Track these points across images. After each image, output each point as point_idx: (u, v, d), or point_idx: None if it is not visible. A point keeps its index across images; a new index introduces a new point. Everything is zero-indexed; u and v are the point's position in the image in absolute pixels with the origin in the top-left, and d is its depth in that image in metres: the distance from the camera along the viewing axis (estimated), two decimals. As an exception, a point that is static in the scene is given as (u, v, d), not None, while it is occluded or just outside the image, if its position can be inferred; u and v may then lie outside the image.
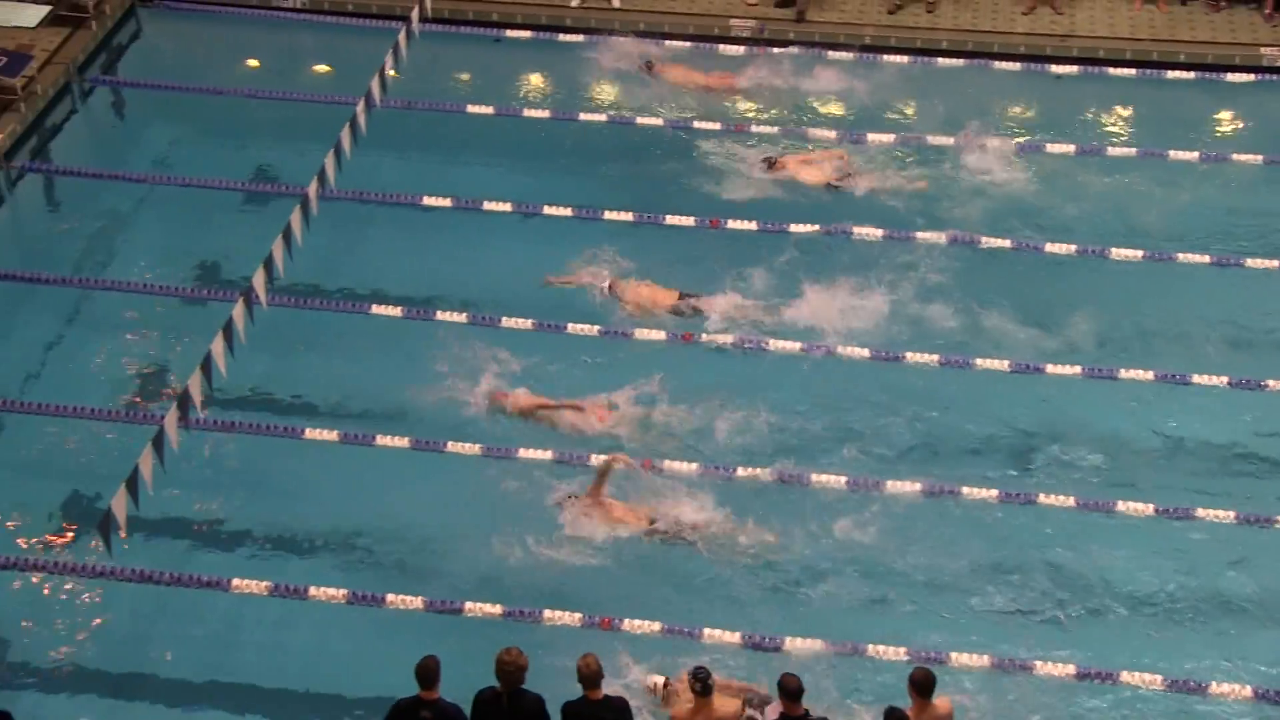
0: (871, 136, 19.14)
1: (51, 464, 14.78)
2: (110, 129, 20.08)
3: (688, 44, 20.70)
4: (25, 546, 13.91)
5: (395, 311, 16.43)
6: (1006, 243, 17.43)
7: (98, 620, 13.38)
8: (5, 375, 15.66)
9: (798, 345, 16.04)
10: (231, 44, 21.07)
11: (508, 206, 17.92)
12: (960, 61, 20.77)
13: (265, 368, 15.49)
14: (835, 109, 20.06)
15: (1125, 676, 12.92)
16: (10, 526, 14.12)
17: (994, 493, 14.54)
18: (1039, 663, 13.04)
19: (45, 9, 17.24)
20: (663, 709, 12.36)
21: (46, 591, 13.59)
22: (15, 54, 19.10)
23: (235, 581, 13.48)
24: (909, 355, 16.00)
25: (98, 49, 20.42)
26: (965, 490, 14.52)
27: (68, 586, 13.61)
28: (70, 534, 14.11)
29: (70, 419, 15.09)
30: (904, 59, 20.75)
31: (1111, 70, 20.61)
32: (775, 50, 20.82)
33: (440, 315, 16.39)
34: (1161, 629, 13.56)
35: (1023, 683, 12.86)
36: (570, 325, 16.21)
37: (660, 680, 12.53)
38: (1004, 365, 15.84)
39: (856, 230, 17.45)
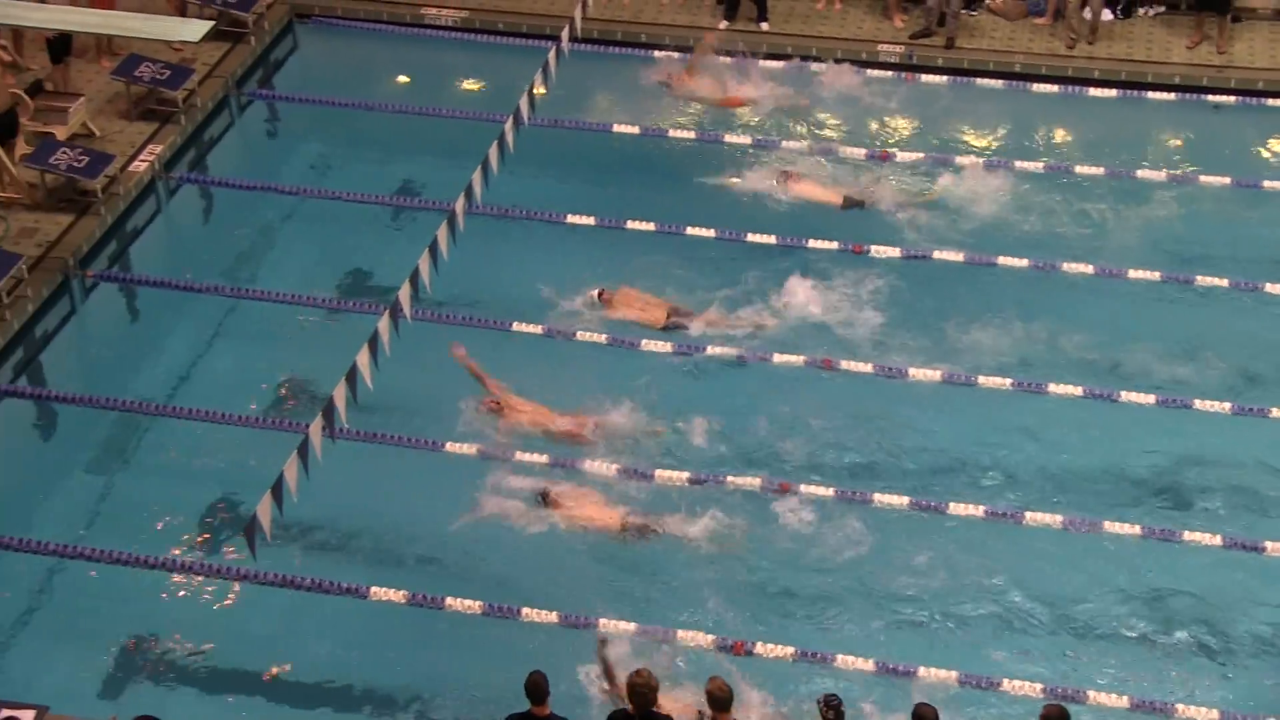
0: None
1: (200, 468, 15.07)
2: (265, 142, 20.54)
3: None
4: (172, 548, 14.18)
5: (537, 329, 16.58)
6: (1156, 275, 17.21)
7: (239, 621, 13.63)
8: (157, 380, 16.04)
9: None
10: (384, 60, 21.43)
11: (650, 226, 18.00)
12: (1112, 92, 20.51)
13: (409, 380, 15.67)
14: (974, 136, 19.93)
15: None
16: (158, 528, 14.43)
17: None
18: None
19: (208, 24, 17.66)
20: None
21: (191, 592, 13.88)
22: (178, 67, 19.60)
23: (374, 590, 13.68)
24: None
25: (255, 63, 20.89)
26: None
27: (212, 588, 13.88)
28: (215, 537, 14.38)
29: (218, 425, 15.40)
30: (1053, 88, 20.57)
31: (1271, 101, 20.23)
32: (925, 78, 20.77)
33: (580, 335, 16.51)
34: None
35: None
36: (711, 348, 16.26)
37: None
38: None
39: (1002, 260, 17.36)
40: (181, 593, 13.88)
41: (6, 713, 11.12)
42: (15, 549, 14.08)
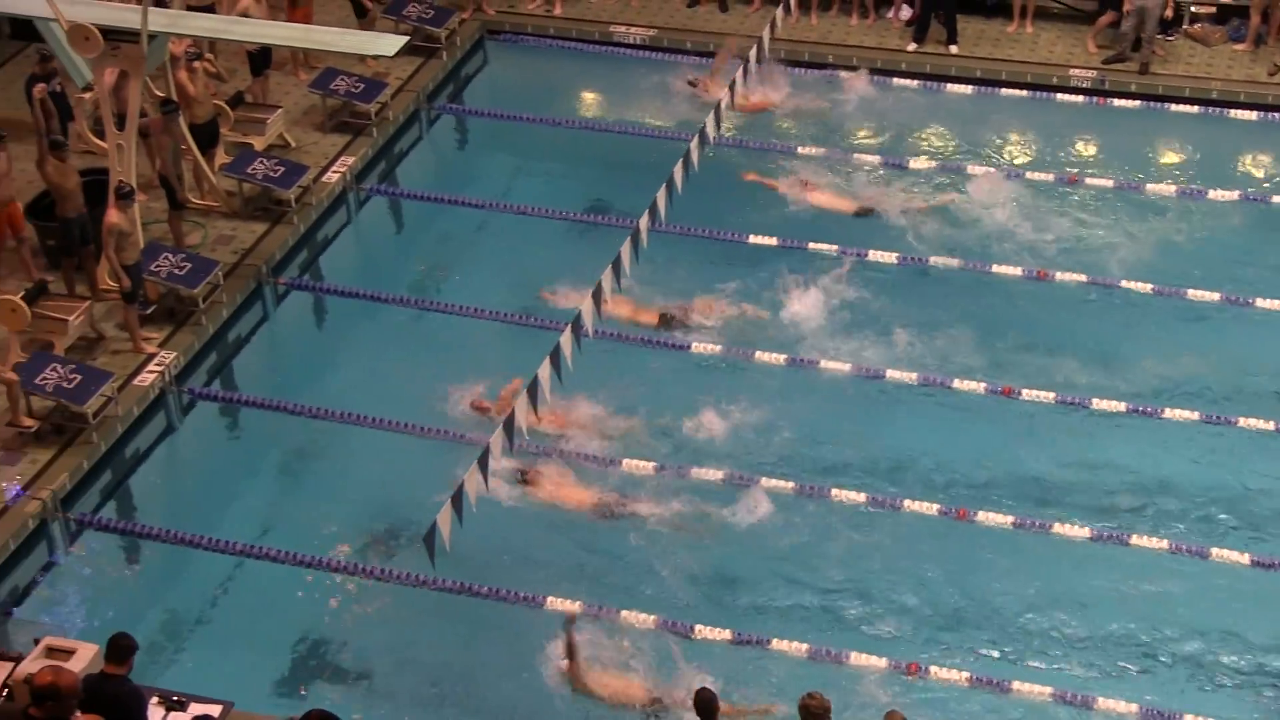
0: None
1: (381, 476, 15.32)
2: (453, 155, 20.85)
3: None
4: (352, 552, 14.46)
5: (715, 349, 16.60)
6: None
7: (416, 627, 13.80)
8: (342, 387, 16.34)
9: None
10: (572, 76, 21.65)
11: (833, 248, 17.91)
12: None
13: (588, 396, 15.78)
14: (1168, 161, 19.52)
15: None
16: (338, 532, 14.69)
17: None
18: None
19: (403, 39, 18.02)
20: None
21: (368, 596, 14.11)
22: (372, 81, 20.03)
23: (550, 600, 13.80)
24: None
25: (446, 78, 21.26)
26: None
27: (390, 594, 14.10)
28: (393, 543, 14.62)
29: (400, 433, 15.66)
30: (1251, 114, 20.06)
31: None
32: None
33: (759, 355, 16.49)
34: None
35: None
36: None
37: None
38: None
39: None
40: (359, 596, 14.11)
41: (196, 708, 11.41)
42: (202, 547, 14.49)
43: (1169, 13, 20.50)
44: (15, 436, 15.14)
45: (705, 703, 11.51)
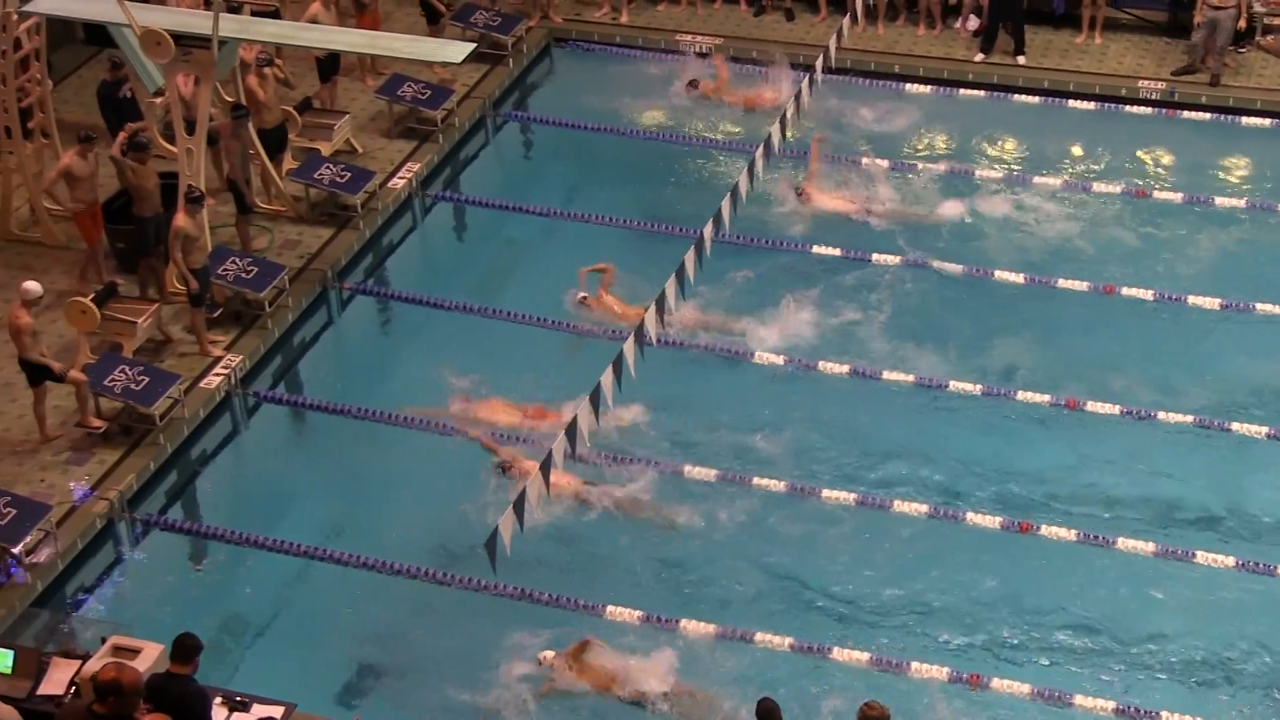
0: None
1: (444, 481, 15.35)
2: (517, 163, 20.90)
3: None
4: (411, 556, 14.50)
5: (778, 360, 16.57)
6: None
7: (467, 631, 13.83)
8: (404, 391, 16.38)
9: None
10: (637, 84, 21.62)
11: (895, 260, 17.85)
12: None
13: (651, 404, 15.79)
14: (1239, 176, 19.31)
15: None
16: (398, 535, 14.76)
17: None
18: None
19: (470, 46, 18.09)
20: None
21: (432, 601, 14.15)
22: (438, 88, 20.14)
23: (609, 609, 13.82)
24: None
25: (512, 85, 21.34)
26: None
27: (451, 598, 14.14)
28: (452, 549, 14.66)
29: (462, 439, 15.68)
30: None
31: None
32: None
33: (823, 365, 16.46)
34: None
35: None
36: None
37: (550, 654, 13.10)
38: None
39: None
40: (420, 600, 14.16)
41: (258, 710, 11.49)
42: (266, 548, 14.60)
43: (1242, 24, 20.31)
44: (84, 437, 15.31)
45: (767, 712, 11.50)
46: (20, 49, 17.53)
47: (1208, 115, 20.34)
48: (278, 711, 11.53)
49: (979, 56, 21.29)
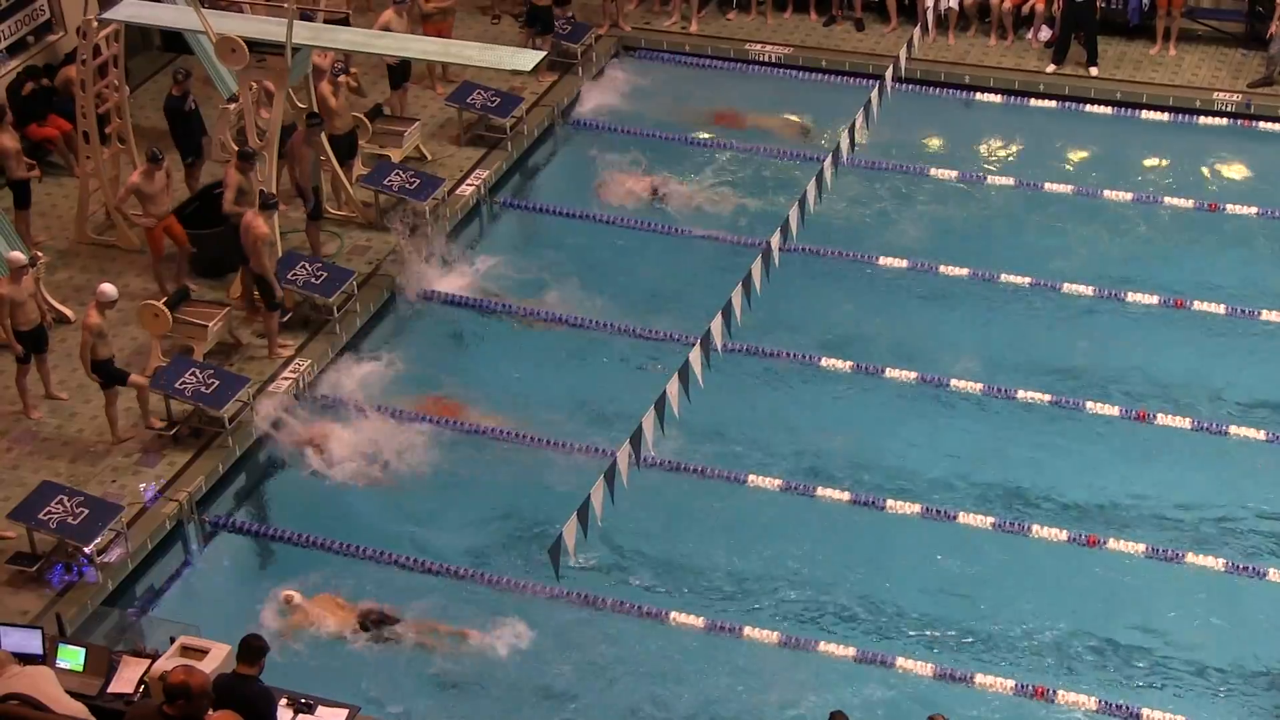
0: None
1: (509, 487, 15.45)
2: (584, 170, 20.89)
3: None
4: (476, 561, 14.62)
5: (845, 366, 16.54)
6: None
7: (537, 638, 13.87)
8: (470, 397, 16.44)
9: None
10: (706, 93, 21.62)
11: (964, 272, 17.78)
12: None
13: (716, 412, 15.77)
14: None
15: None
16: (461, 540, 14.86)
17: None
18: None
19: (540, 54, 18.14)
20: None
21: (495, 606, 14.20)
22: (508, 95, 20.23)
23: (674, 615, 13.83)
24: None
25: (581, 93, 21.37)
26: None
27: (515, 604, 14.20)
28: (517, 554, 14.73)
29: (527, 446, 15.79)
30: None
31: None
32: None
33: (889, 373, 16.41)
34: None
35: None
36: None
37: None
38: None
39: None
40: (484, 604, 14.21)
41: (323, 712, 11.54)
42: (333, 550, 14.73)
43: (1317, 35, 20.11)
44: (155, 439, 15.49)
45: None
46: (99, 56, 17.77)
47: (1281, 126, 20.14)
48: (341, 714, 11.59)
49: (1051, 68, 21.14)
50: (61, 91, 19.31)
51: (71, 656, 11.78)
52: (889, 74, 17.06)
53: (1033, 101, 20.88)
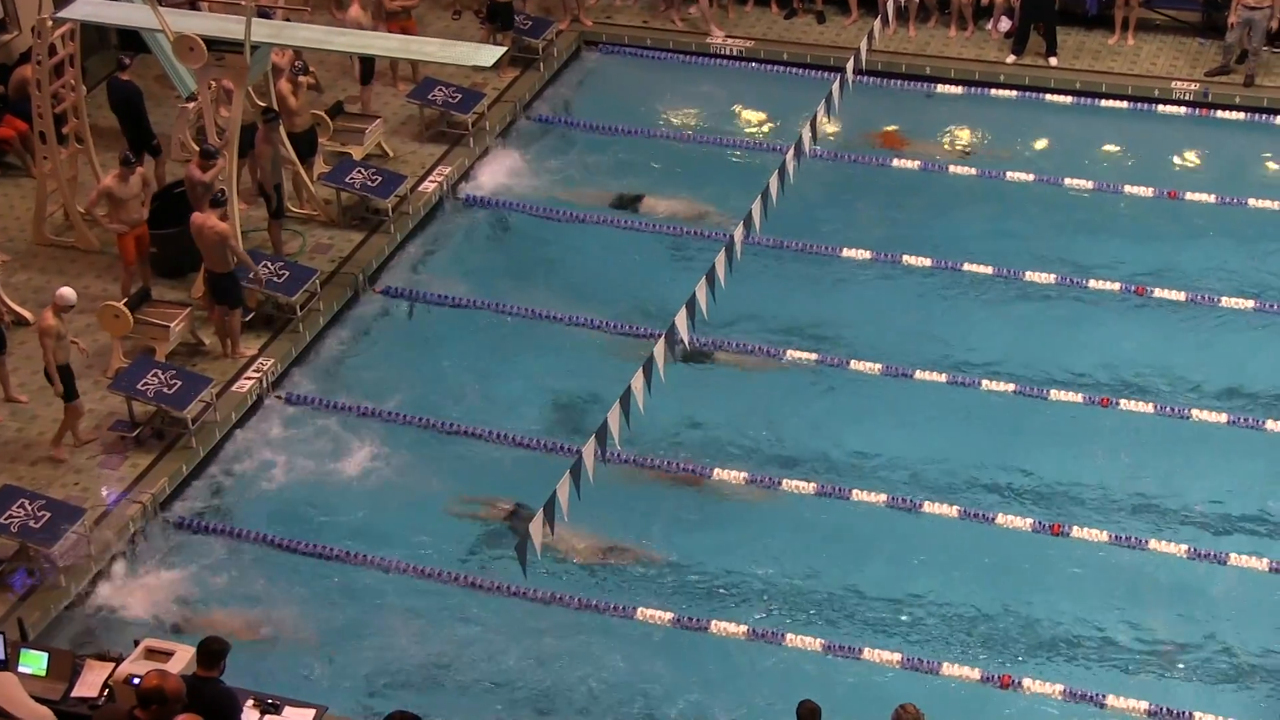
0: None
1: (476, 485, 15.41)
2: (550, 166, 20.86)
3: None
4: (444, 560, 14.60)
5: (810, 357, 16.57)
6: None
7: (508, 637, 13.90)
8: (437, 396, 16.46)
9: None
10: (668, 88, 21.62)
11: (927, 262, 17.82)
12: None
13: (679, 408, 15.79)
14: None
15: None
16: (429, 540, 14.84)
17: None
18: None
19: (502, 50, 18.10)
20: None
21: (464, 605, 14.22)
22: (469, 91, 20.17)
23: (640, 610, 13.84)
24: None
25: (543, 88, 21.33)
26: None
27: (482, 604, 14.19)
28: (484, 553, 14.71)
29: (494, 443, 15.78)
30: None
31: None
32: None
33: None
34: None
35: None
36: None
37: None
38: None
39: None
40: (453, 604, 14.23)
41: (290, 712, 11.51)
42: (299, 552, 14.69)
43: (1275, 24, 20.18)
44: (118, 440, 15.40)
45: (810, 713, 11.48)
46: (55, 55, 17.63)
47: (1242, 115, 20.21)
48: (309, 714, 11.57)
49: (1010, 58, 21.21)
50: (16, 92, 19.15)
51: (34, 661, 11.73)
52: (850, 66, 17.08)
53: (993, 92, 20.94)
